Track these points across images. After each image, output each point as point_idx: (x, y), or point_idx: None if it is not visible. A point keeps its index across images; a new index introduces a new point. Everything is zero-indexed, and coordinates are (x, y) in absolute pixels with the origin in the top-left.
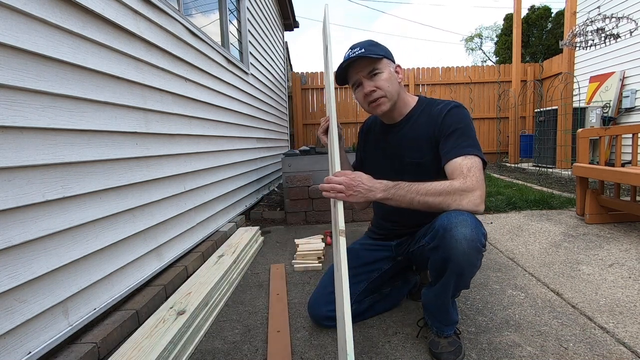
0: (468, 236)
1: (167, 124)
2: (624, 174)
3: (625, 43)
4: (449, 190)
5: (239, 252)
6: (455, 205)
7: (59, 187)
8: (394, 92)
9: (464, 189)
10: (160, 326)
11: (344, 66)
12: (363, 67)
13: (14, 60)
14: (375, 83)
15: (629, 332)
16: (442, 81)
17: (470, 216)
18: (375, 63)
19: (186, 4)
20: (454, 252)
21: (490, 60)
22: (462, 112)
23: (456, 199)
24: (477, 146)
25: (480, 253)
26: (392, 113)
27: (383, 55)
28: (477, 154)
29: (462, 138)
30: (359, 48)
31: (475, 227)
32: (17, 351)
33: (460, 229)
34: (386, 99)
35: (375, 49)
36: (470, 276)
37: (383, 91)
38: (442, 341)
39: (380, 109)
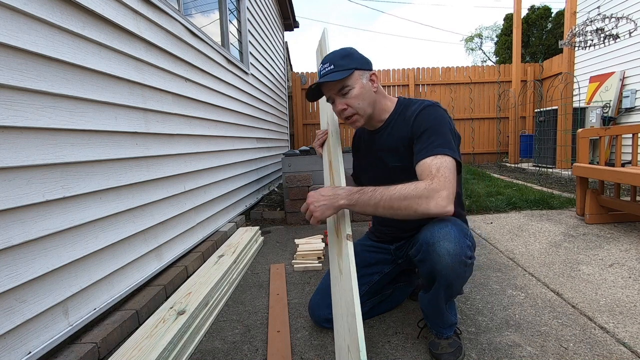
0: (451, 251)
1: (167, 124)
2: (624, 174)
3: (625, 43)
4: (415, 193)
5: (239, 252)
6: (421, 209)
7: (59, 187)
8: (367, 107)
9: (430, 190)
10: (160, 326)
11: (313, 87)
12: (332, 86)
13: (14, 60)
14: (346, 100)
15: (629, 332)
16: (442, 81)
17: (453, 227)
18: (344, 81)
19: (186, 4)
20: (438, 267)
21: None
22: (434, 111)
23: (422, 203)
24: (448, 145)
25: (465, 265)
26: (370, 122)
27: (354, 68)
28: (448, 153)
29: (433, 137)
30: (328, 64)
31: (459, 241)
32: (17, 351)
33: (443, 243)
34: (358, 116)
35: (346, 62)
36: (459, 286)
37: (354, 109)
38: (442, 342)
39: (355, 125)
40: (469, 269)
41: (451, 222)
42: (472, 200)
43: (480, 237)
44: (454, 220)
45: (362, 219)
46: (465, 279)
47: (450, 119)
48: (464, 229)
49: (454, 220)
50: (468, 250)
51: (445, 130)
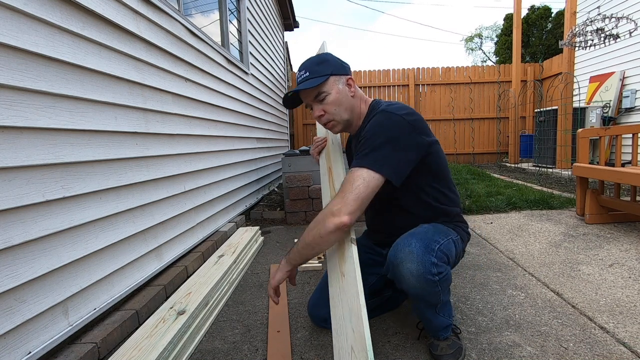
0: (414, 272)
1: (167, 124)
2: (624, 174)
3: (625, 43)
4: (320, 218)
5: (239, 252)
6: (323, 232)
7: (59, 187)
8: (343, 112)
9: (326, 210)
10: (160, 326)
11: (289, 95)
12: (309, 94)
13: (14, 60)
14: (323, 107)
15: (629, 332)
16: (442, 81)
17: (417, 245)
18: (319, 87)
19: (186, 4)
20: (405, 286)
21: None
22: (377, 120)
23: (320, 227)
24: (371, 157)
25: (434, 283)
26: (350, 128)
27: (329, 74)
28: (364, 165)
29: (361, 149)
30: (304, 71)
31: (422, 260)
32: (17, 351)
33: (406, 264)
34: (335, 122)
35: (321, 69)
36: (435, 299)
37: (330, 115)
38: (441, 343)
39: (333, 130)
40: (439, 283)
41: (416, 237)
42: (472, 200)
43: (480, 237)
44: (424, 231)
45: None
46: (440, 292)
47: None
48: (431, 243)
49: (424, 231)
50: (433, 267)
51: (379, 140)
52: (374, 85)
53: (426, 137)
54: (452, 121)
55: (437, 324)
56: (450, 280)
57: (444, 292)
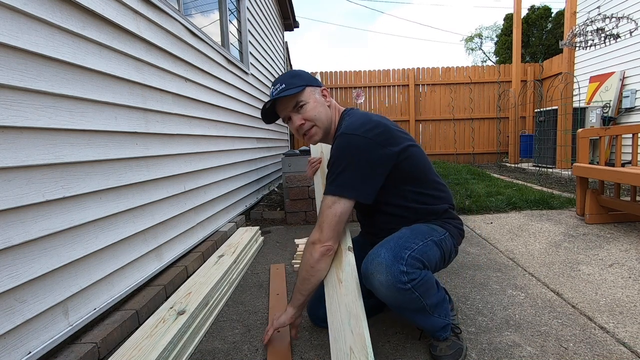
0: (384, 283)
1: (167, 124)
2: (624, 174)
3: (625, 43)
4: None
5: (239, 252)
6: (311, 262)
7: (59, 187)
8: (324, 119)
9: (309, 242)
10: (160, 326)
11: (268, 107)
12: (287, 103)
13: (14, 60)
14: (302, 115)
15: (629, 332)
16: (442, 81)
17: (386, 256)
18: (297, 96)
19: (186, 4)
20: (380, 296)
21: (490, 60)
22: (337, 144)
23: (310, 258)
24: (336, 182)
25: (406, 291)
26: (327, 138)
27: (305, 85)
28: (331, 192)
29: (328, 175)
30: (279, 84)
31: (391, 270)
32: (17, 351)
33: (376, 276)
34: (317, 128)
35: (296, 81)
36: (415, 305)
37: (312, 121)
38: (440, 344)
39: (313, 139)
40: (413, 290)
41: (386, 247)
42: (472, 200)
43: (480, 237)
44: (398, 237)
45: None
46: (418, 298)
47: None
48: (401, 252)
49: (398, 237)
50: (403, 276)
51: (341, 164)
52: (374, 85)
53: (393, 148)
54: (452, 121)
55: (432, 325)
56: (431, 282)
57: (426, 296)
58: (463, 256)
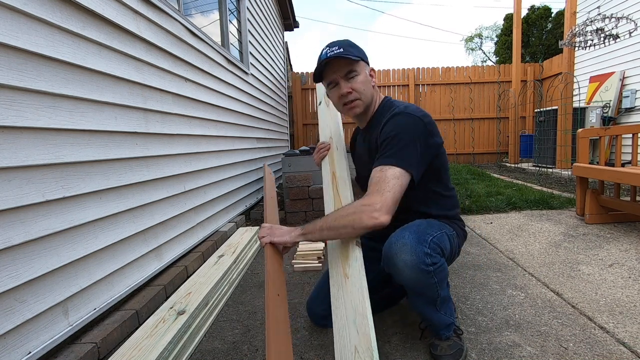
0: (409, 263)
1: (167, 124)
2: (624, 174)
3: (625, 43)
4: (353, 210)
5: (239, 252)
6: (357, 224)
7: (59, 187)
8: (369, 95)
9: (364, 205)
10: (160, 326)
11: (323, 64)
12: (340, 68)
13: (14, 60)
14: (351, 85)
15: (629, 332)
16: (442, 81)
17: (410, 238)
18: (352, 65)
19: (186, 4)
20: (401, 278)
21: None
22: (399, 120)
23: (357, 218)
24: (399, 155)
25: (428, 273)
26: (365, 115)
27: (360, 58)
28: (395, 164)
29: (386, 148)
30: (337, 47)
31: (416, 250)
32: (17, 351)
33: (401, 256)
34: (361, 102)
35: (354, 50)
36: (432, 292)
37: (358, 94)
38: (441, 343)
39: (353, 111)
40: (434, 274)
41: (409, 230)
42: (472, 200)
43: (480, 237)
44: (417, 224)
45: None
46: (436, 284)
47: (421, 127)
48: (425, 235)
49: (417, 224)
50: (426, 258)
51: (402, 140)
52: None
53: (438, 139)
54: (452, 121)
55: (438, 321)
56: (446, 272)
57: (441, 286)
58: (463, 256)
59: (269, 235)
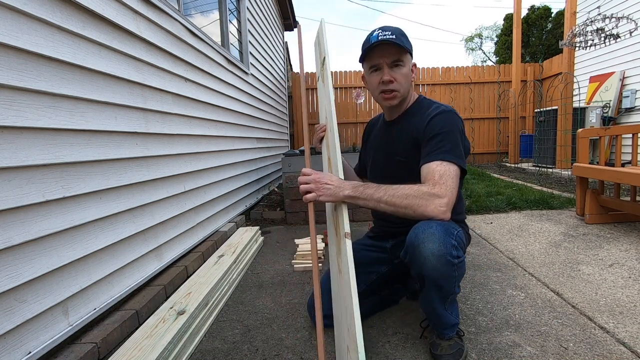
0: (436, 252)
1: (167, 124)
2: (624, 174)
3: (625, 43)
4: (416, 194)
5: (239, 252)
6: (420, 210)
7: (59, 187)
8: (407, 90)
9: (431, 194)
10: (160, 326)
11: (373, 45)
12: (390, 54)
13: (14, 60)
14: (395, 74)
15: (629, 332)
16: (442, 81)
17: (438, 228)
18: (401, 54)
19: (186, 4)
20: (424, 268)
21: (490, 60)
22: (450, 117)
23: (422, 204)
24: (456, 153)
25: (452, 265)
26: (397, 109)
27: (409, 50)
28: (454, 161)
29: (442, 143)
30: (390, 33)
31: (444, 241)
32: (17, 351)
33: (428, 245)
34: (398, 94)
35: (405, 41)
36: (450, 286)
37: (399, 85)
38: (442, 343)
39: (390, 102)
40: (457, 268)
41: (437, 223)
42: (472, 200)
43: (480, 237)
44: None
45: (362, 218)
46: (456, 279)
47: (463, 128)
48: (450, 229)
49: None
50: (453, 249)
51: (456, 137)
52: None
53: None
54: None
55: (444, 320)
56: (465, 270)
57: (458, 282)
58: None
59: (315, 189)
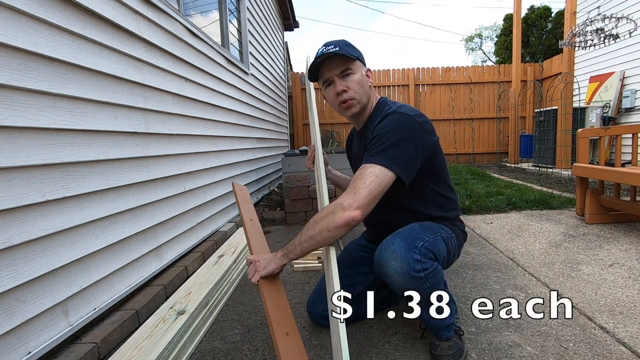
0: (399, 270)
1: (167, 124)
2: (624, 174)
3: (625, 43)
4: (325, 213)
5: (239, 252)
6: (330, 225)
7: (59, 187)
8: (364, 95)
9: (336, 205)
10: (160, 326)
11: (318, 62)
12: (336, 65)
13: (14, 60)
14: (347, 83)
15: (629, 332)
16: (442, 81)
17: (400, 244)
18: (348, 63)
19: (186, 4)
20: (393, 285)
21: (490, 60)
22: (392, 119)
23: (329, 220)
24: (385, 154)
25: (419, 279)
26: (361, 116)
27: (357, 57)
28: (377, 162)
29: (374, 146)
30: (333, 46)
31: (405, 257)
32: (17, 351)
33: (391, 263)
34: (356, 101)
35: (350, 50)
36: (425, 295)
37: (354, 92)
38: (441, 344)
39: (350, 110)
40: (426, 279)
41: (400, 237)
42: (472, 200)
43: (480, 237)
44: (409, 229)
45: None
46: (430, 288)
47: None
48: (415, 241)
49: (409, 229)
50: (416, 264)
51: (393, 138)
52: (374, 85)
53: (433, 137)
54: (452, 121)
55: (437, 322)
56: (441, 276)
57: (435, 289)
58: (463, 256)
59: (256, 269)
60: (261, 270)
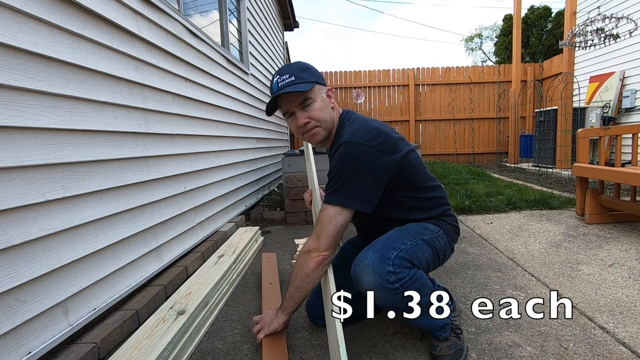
0: (372, 284)
1: (167, 124)
2: (624, 174)
3: (625, 43)
4: (299, 263)
5: (239, 252)
6: (308, 270)
7: (59, 187)
8: (329, 120)
9: (305, 251)
10: (160, 326)
11: (275, 98)
12: (295, 97)
13: (14, 61)
14: (308, 114)
15: (629, 332)
16: (442, 81)
17: (372, 257)
18: (306, 93)
19: (186, 3)
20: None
21: (490, 60)
22: (342, 153)
23: (305, 268)
24: (340, 192)
25: (394, 290)
26: (327, 140)
27: (314, 82)
28: (333, 202)
29: (331, 183)
30: (287, 75)
31: (377, 270)
32: (17, 351)
33: (364, 277)
34: (321, 129)
35: (307, 76)
36: (403, 305)
37: (317, 121)
38: (440, 344)
39: (315, 139)
40: (402, 290)
41: (373, 249)
42: (472, 200)
43: (480, 237)
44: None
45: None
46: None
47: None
48: (388, 252)
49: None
50: (389, 276)
51: (346, 175)
52: (374, 85)
53: (395, 156)
54: (452, 121)
55: (430, 324)
56: (422, 281)
57: (421, 294)
58: (463, 256)
59: (261, 328)
60: (266, 329)
